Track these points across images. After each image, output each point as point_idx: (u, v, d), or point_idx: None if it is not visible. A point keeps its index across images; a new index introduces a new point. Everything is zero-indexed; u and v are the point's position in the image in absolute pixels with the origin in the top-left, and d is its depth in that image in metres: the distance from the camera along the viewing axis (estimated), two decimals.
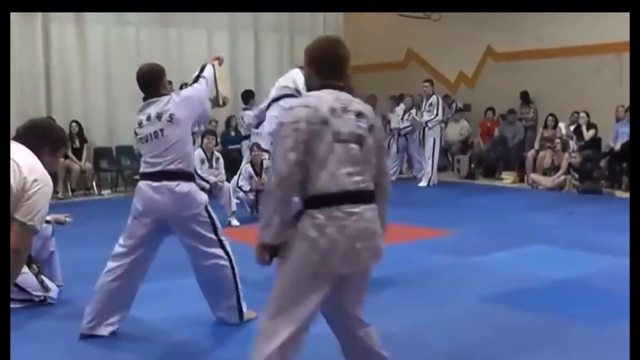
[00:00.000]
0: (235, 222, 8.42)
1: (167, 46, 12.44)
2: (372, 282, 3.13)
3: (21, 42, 10.99)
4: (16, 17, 10.41)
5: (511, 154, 13.10)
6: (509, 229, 8.13)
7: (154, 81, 4.43)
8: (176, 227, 4.39)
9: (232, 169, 9.73)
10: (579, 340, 4.42)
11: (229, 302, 4.55)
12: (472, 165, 13.46)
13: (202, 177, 8.29)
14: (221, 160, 9.08)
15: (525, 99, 13.46)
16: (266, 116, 5.82)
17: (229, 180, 8.96)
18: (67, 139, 3.40)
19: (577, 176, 11.20)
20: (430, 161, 12.30)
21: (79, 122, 11.51)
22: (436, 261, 6.55)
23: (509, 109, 13.40)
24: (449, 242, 7.39)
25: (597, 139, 11.91)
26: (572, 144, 11.84)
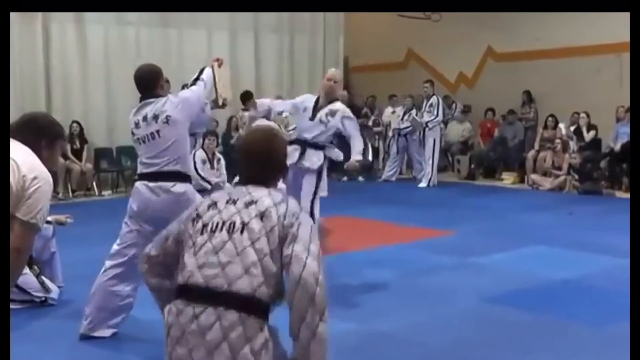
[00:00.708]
0: None
1: (167, 46, 12.42)
2: (372, 283, 3.13)
3: (21, 42, 10.96)
4: (16, 17, 10.39)
5: (511, 155, 13.09)
6: (509, 229, 8.13)
7: (151, 82, 4.42)
8: None
9: (233, 169, 9.72)
10: (578, 340, 4.43)
11: None
12: (472, 165, 13.44)
13: (203, 178, 8.28)
14: (222, 161, 9.07)
15: (528, 98, 13.44)
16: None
17: (230, 181, 8.95)
18: (64, 131, 3.35)
19: (577, 177, 11.21)
20: (430, 162, 12.30)
21: (79, 123, 11.50)
22: (436, 261, 6.55)
23: (509, 110, 13.40)
24: (449, 243, 7.39)
25: (597, 139, 11.92)
26: (572, 144, 11.84)
